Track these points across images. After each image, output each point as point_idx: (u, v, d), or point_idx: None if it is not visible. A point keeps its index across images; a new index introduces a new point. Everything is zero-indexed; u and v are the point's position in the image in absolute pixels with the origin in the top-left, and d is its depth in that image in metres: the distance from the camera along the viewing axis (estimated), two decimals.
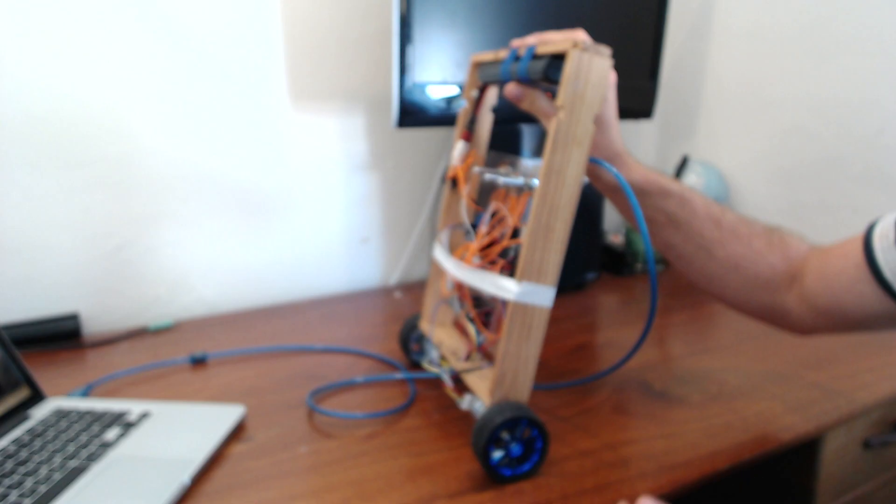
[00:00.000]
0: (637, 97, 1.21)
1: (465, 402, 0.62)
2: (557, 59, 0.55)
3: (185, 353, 0.85)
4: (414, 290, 1.16)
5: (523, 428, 0.57)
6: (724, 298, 0.69)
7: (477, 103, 0.71)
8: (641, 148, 1.54)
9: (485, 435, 0.56)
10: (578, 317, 1.01)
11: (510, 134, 1.08)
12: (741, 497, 0.82)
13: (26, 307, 0.92)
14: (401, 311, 1.05)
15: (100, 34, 0.90)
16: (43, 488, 0.54)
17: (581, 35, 0.59)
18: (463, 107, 0.72)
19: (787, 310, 0.66)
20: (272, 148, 1.07)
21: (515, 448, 0.57)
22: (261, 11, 1.01)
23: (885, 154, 1.10)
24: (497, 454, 0.57)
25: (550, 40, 0.58)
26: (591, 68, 0.53)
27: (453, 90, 0.97)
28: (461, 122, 0.72)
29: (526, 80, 0.60)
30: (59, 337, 0.91)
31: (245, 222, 1.07)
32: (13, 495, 0.53)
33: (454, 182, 0.73)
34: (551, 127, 0.53)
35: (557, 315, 1.01)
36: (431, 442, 0.64)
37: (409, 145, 1.18)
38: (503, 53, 0.63)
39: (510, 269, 0.59)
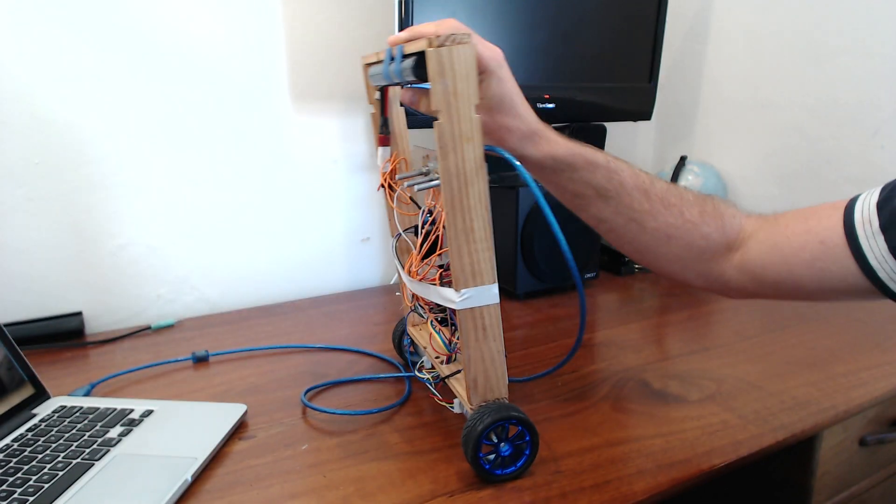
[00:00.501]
0: (635, 99, 1.21)
1: (456, 406, 0.63)
2: (423, 58, 0.51)
3: (188, 352, 0.85)
4: None
5: (508, 428, 0.57)
6: (659, 268, 0.68)
7: (382, 105, 0.68)
8: (640, 148, 1.54)
9: (471, 443, 0.56)
10: (577, 315, 1.02)
11: None
12: (739, 495, 0.83)
13: (30, 306, 0.93)
14: (401, 310, 1.06)
15: (100, 34, 0.91)
16: (46, 486, 0.55)
17: (446, 25, 0.54)
18: (371, 112, 0.70)
19: (725, 279, 0.65)
20: (273, 148, 1.07)
21: (505, 448, 0.58)
22: (262, 14, 1.01)
23: (881, 154, 1.11)
24: (489, 457, 0.57)
25: (419, 34, 0.54)
26: (454, 60, 0.49)
27: None
28: (374, 128, 0.71)
29: (405, 82, 0.57)
30: (62, 336, 0.92)
31: (246, 222, 1.08)
32: (17, 493, 0.54)
33: (391, 187, 0.71)
34: (435, 131, 0.50)
35: (556, 314, 1.02)
36: (431, 440, 0.65)
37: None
38: (383, 53, 0.60)
39: (451, 276, 0.57)
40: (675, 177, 1.30)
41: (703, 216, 0.64)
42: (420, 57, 0.52)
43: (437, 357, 0.69)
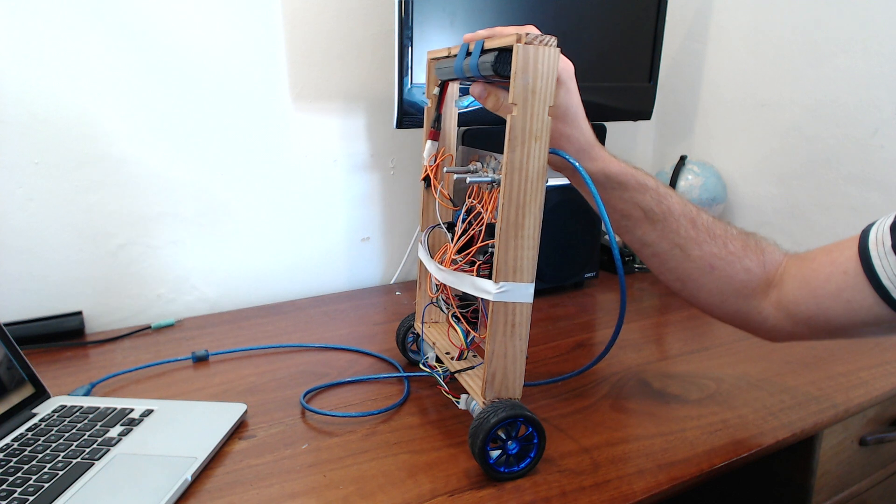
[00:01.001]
0: (635, 98, 1.21)
1: (462, 403, 0.63)
2: (505, 53, 0.54)
3: (188, 352, 0.85)
4: (414, 288, 1.16)
5: (519, 426, 0.58)
6: (698, 301, 0.68)
7: (439, 101, 0.70)
8: (639, 148, 1.54)
9: (481, 435, 0.56)
10: (577, 315, 1.02)
11: (494, 132, 1.08)
12: (738, 494, 0.83)
13: (30, 306, 0.93)
14: (402, 309, 1.06)
15: (100, 34, 0.91)
16: (46, 485, 0.55)
17: (527, 29, 0.56)
18: (426, 106, 0.71)
19: (763, 317, 0.65)
20: (273, 147, 1.07)
21: (512, 446, 0.58)
22: (262, 13, 1.01)
23: (880, 154, 1.11)
24: (494, 453, 0.57)
25: (500, 34, 0.56)
26: (539, 60, 0.51)
27: None
28: (426, 121, 0.71)
29: (479, 77, 0.58)
30: (62, 335, 0.92)
31: (246, 221, 1.08)
32: (17, 492, 0.54)
33: (427, 182, 0.72)
34: (507, 124, 0.53)
35: (557, 314, 1.02)
36: (431, 439, 0.65)
37: (409, 145, 1.19)
38: (456, 49, 0.62)
39: (489, 269, 0.58)
40: (674, 176, 1.30)
41: (746, 250, 0.65)
42: (501, 52, 0.54)
43: (447, 353, 0.69)
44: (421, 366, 0.73)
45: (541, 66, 0.52)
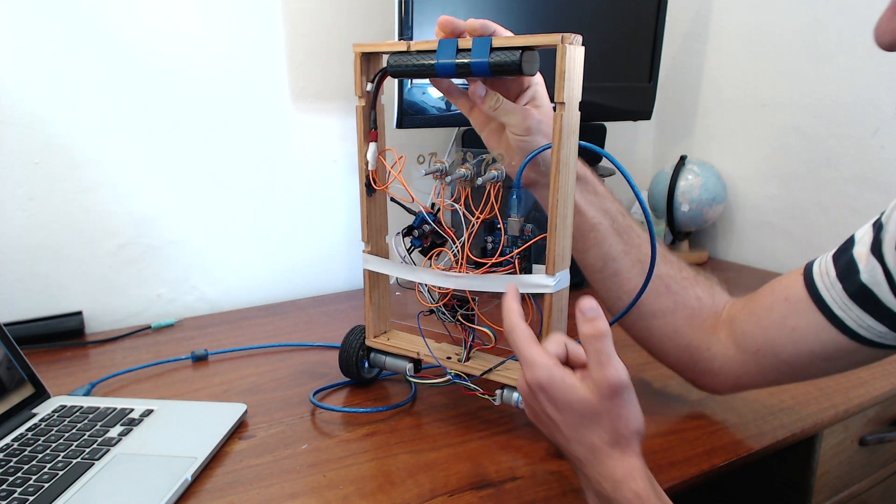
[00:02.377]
0: (635, 98, 1.22)
1: (499, 399, 0.63)
2: (528, 53, 0.54)
3: (187, 352, 0.85)
4: (415, 288, 1.16)
5: None
6: (651, 331, 0.65)
7: (375, 97, 0.65)
8: (640, 148, 1.54)
9: None
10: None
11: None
12: (738, 494, 0.83)
13: (30, 306, 0.93)
14: (402, 309, 1.05)
15: (100, 34, 0.91)
16: (46, 485, 0.54)
17: (500, 28, 0.58)
18: (358, 105, 0.65)
19: (711, 353, 0.63)
20: (273, 148, 1.07)
21: None
22: (262, 14, 1.01)
23: (880, 154, 1.11)
24: None
25: (498, 32, 0.58)
26: (576, 58, 0.53)
27: None
28: (360, 121, 0.66)
29: (484, 75, 0.57)
30: (62, 335, 0.92)
31: (246, 221, 1.08)
32: (17, 492, 0.54)
33: (371, 188, 0.68)
34: (556, 123, 0.53)
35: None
36: (431, 440, 0.65)
37: (408, 145, 1.19)
38: (421, 45, 0.59)
39: (520, 266, 0.60)
40: (674, 177, 1.30)
41: (697, 279, 0.66)
42: (525, 51, 0.54)
43: (448, 357, 0.67)
44: (408, 378, 0.69)
45: (577, 65, 0.54)
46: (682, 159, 1.32)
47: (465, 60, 0.57)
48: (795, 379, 0.63)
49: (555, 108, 0.54)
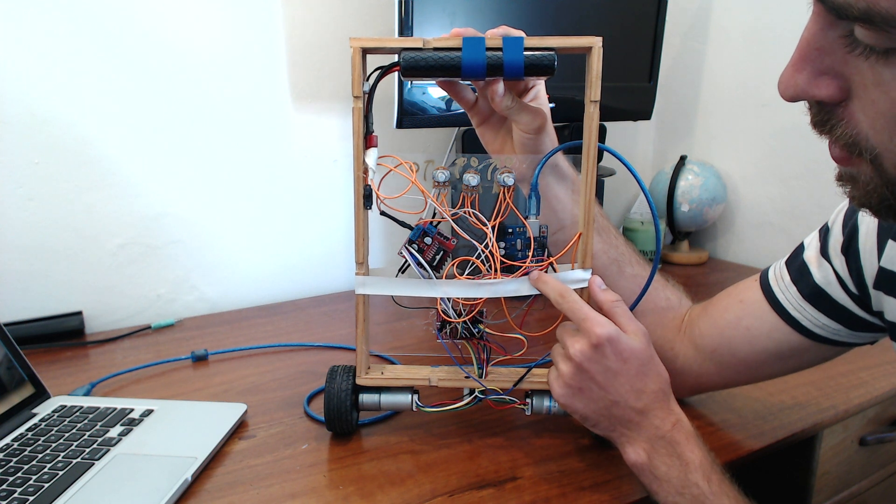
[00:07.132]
0: (635, 98, 1.21)
1: (530, 408, 0.63)
2: (552, 53, 0.55)
3: (187, 352, 0.85)
4: None
5: None
6: None
7: (371, 98, 0.59)
8: (640, 148, 1.54)
9: None
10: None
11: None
12: None
13: (30, 306, 0.93)
14: (402, 308, 1.05)
15: (100, 34, 0.91)
16: (46, 485, 0.55)
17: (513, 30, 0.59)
18: (355, 107, 0.58)
19: (674, 353, 0.66)
20: (273, 148, 1.07)
21: None
22: (262, 14, 1.01)
23: None
24: None
25: (512, 34, 0.58)
26: (601, 58, 0.56)
27: None
28: (359, 126, 0.59)
29: (517, 74, 0.55)
30: (62, 335, 0.92)
31: (246, 221, 1.08)
32: (17, 492, 0.54)
33: (368, 199, 0.60)
34: (587, 121, 0.57)
35: (555, 314, 1.02)
36: (431, 440, 0.65)
37: (409, 145, 1.19)
38: (438, 42, 0.56)
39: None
40: (674, 177, 1.30)
41: (666, 282, 0.70)
42: (548, 50, 0.55)
43: (467, 377, 0.63)
44: (422, 409, 0.64)
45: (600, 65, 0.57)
46: (682, 159, 1.32)
47: (498, 58, 0.55)
48: (754, 379, 0.66)
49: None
